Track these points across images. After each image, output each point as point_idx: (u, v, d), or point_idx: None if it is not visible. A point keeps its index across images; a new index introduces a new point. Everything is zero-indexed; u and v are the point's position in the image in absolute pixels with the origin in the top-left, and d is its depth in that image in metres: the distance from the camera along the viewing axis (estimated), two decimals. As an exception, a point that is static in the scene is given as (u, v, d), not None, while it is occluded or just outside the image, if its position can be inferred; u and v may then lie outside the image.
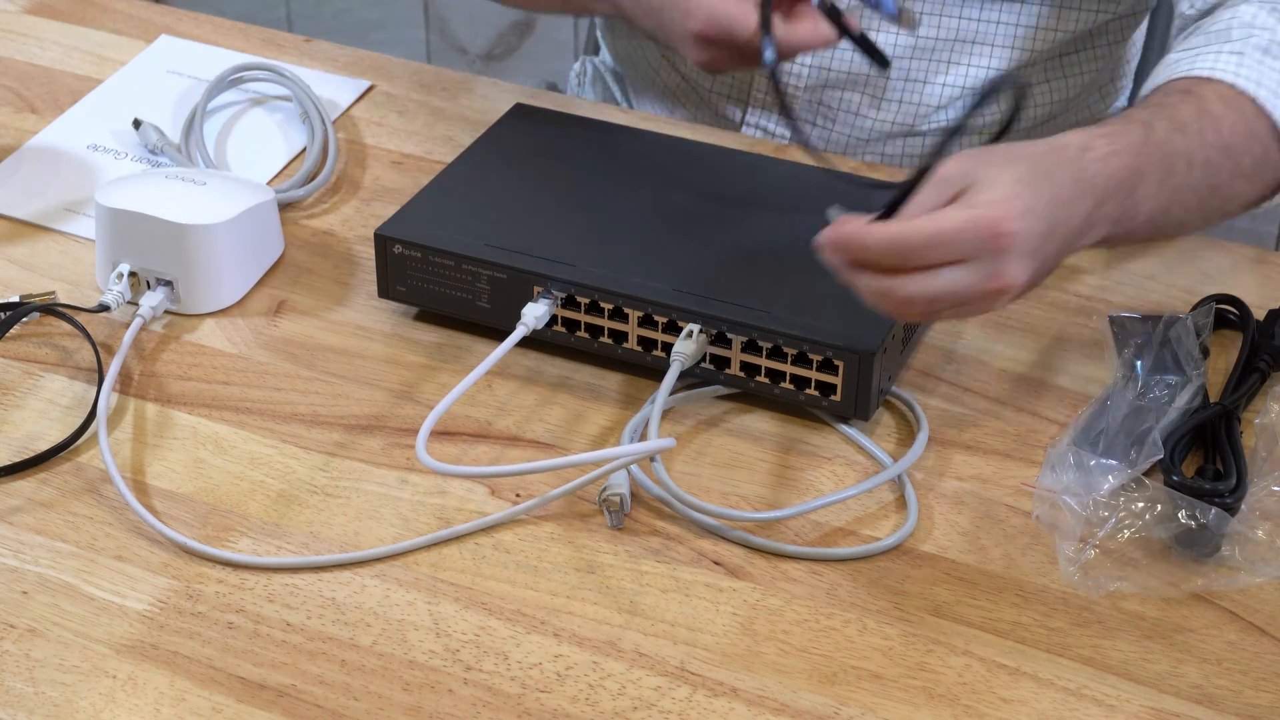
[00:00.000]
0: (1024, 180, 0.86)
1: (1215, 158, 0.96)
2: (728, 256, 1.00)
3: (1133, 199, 0.92)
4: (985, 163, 0.87)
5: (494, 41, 2.53)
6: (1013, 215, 0.84)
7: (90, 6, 1.38)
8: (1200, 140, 0.96)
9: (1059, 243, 0.88)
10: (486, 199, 1.05)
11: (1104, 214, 0.90)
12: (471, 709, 0.81)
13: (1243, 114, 0.98)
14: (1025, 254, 0.85)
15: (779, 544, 0.90)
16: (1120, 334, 1.00)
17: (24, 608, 0.86)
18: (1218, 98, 0.98)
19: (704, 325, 0.95)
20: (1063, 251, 0.89)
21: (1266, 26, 1.01)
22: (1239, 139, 0.97)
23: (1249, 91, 0.98)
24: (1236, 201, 1.00)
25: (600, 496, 0.91)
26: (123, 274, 1.05)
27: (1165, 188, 0.94)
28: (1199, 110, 0.97)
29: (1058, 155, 0.89)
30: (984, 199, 0.84)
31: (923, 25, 1.19)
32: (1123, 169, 0.91)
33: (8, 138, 1.22)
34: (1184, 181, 0.95)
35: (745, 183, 1.08)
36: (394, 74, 1.30)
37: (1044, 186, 0.86)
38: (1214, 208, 0.99)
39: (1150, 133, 0.94)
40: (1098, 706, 0.82)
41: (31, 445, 0.96)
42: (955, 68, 1.21)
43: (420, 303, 1.04)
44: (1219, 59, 1.00)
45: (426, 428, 0.91)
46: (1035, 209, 0.85)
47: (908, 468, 0.94)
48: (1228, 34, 1.02)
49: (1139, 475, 0.89)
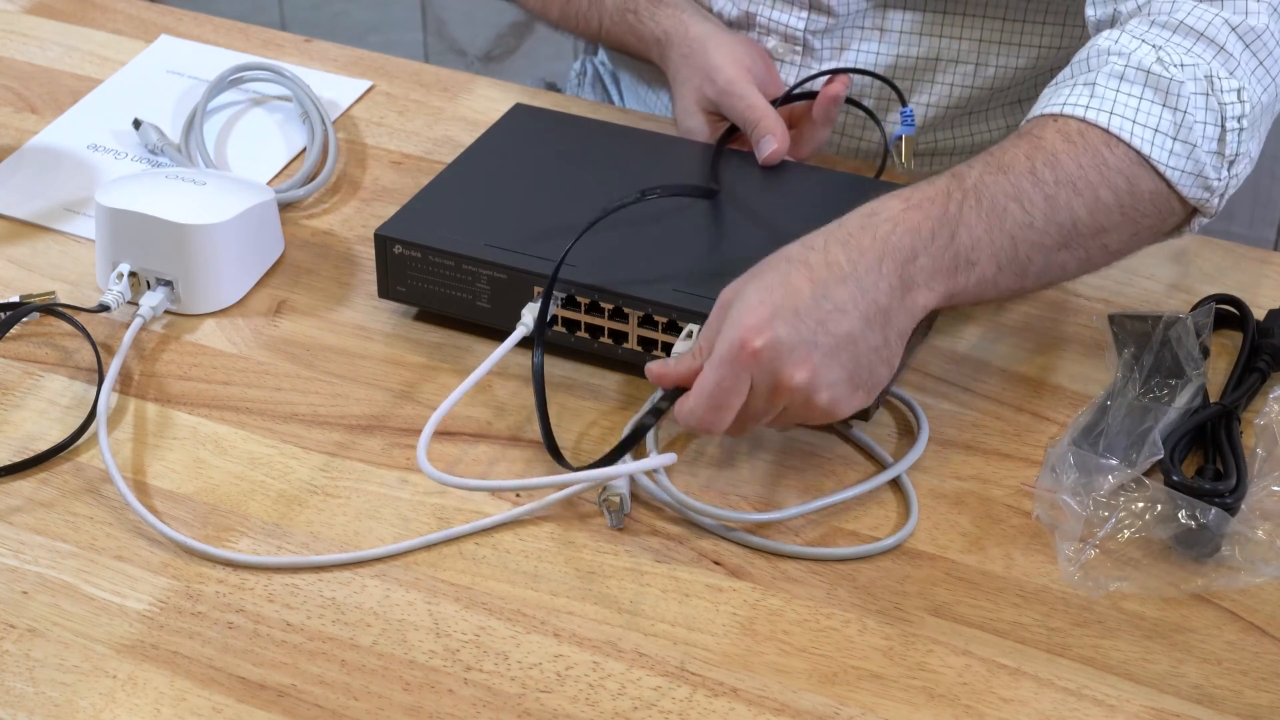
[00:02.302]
0: (767, 288, 0.87)
1: (1059, 194, 0.93)
2: (727, 256, 1.00)
3: (956, 246, 0.90)
4: (742, 284, 0.89)
5: (492, 43, 2.53)
6: (753, 329, 0.86)
7: (90, 6, 1.38)
8: (1033, 178, 0.92)
9: (859, 317, 0.87)
10: (486, 199, 1.05)
11: (923, 267, 0.89)
12: (471, 709, 0.81)
13: (1089, 145, 0.94)
14: (789, 353, 0.86)
15: (779, 544, 0.90)
16: (1120, 334, 1.00)
17: (24, 608, 0.86)
18: (1058, 134, 0.95)
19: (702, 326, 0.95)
20: (876, 322, 0.88)
21: (1124, 51, 0.97)
22: (1087, 171, 0.93)
23: (1099, 122, 0.94)
24: (1115, 237, 0.96)
25: (600, 498, 0.91)
26: (123, 274, 1.05)
27: (999, 231, 0.91)
28: (1031, 148, 0.94)
29: (827, 237, 0.90)
30: (726, 329, 0.87)
31: (901, 44, 1.20)
32: (926, 219, 0.90)
33: (8, 138, 1.22)
34: (1023, 221, 0.92)
35: (744, 182, 1.08)
36: (394, 74, 1.30)
37: (796, 282, 0.87)
38: (1090, 249, 0.95)
39: (960, 180, 0.92)
40: (1098, 706, 0.82)
41: (31, 445, 0.96)
42: (937, 87, 1.21)
43: (420, 303, 1.04)
44: (1071, 93, 0.96)
45: (426, 437, 0.91)
46: (781, 310, 0.86)
47: (908, 468, 0.94)
48: (1085, 64, 0.98)
49: (1139, 475, 0.89)
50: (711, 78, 1.13)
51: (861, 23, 1.20)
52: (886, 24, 1.19)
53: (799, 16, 1.20)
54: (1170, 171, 0.95)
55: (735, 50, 1.15)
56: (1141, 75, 0.96)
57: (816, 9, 1.20)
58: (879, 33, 1.20)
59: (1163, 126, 0.95)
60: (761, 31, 1.22)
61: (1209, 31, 0.98)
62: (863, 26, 1.20)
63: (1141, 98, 0.95)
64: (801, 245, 0.90)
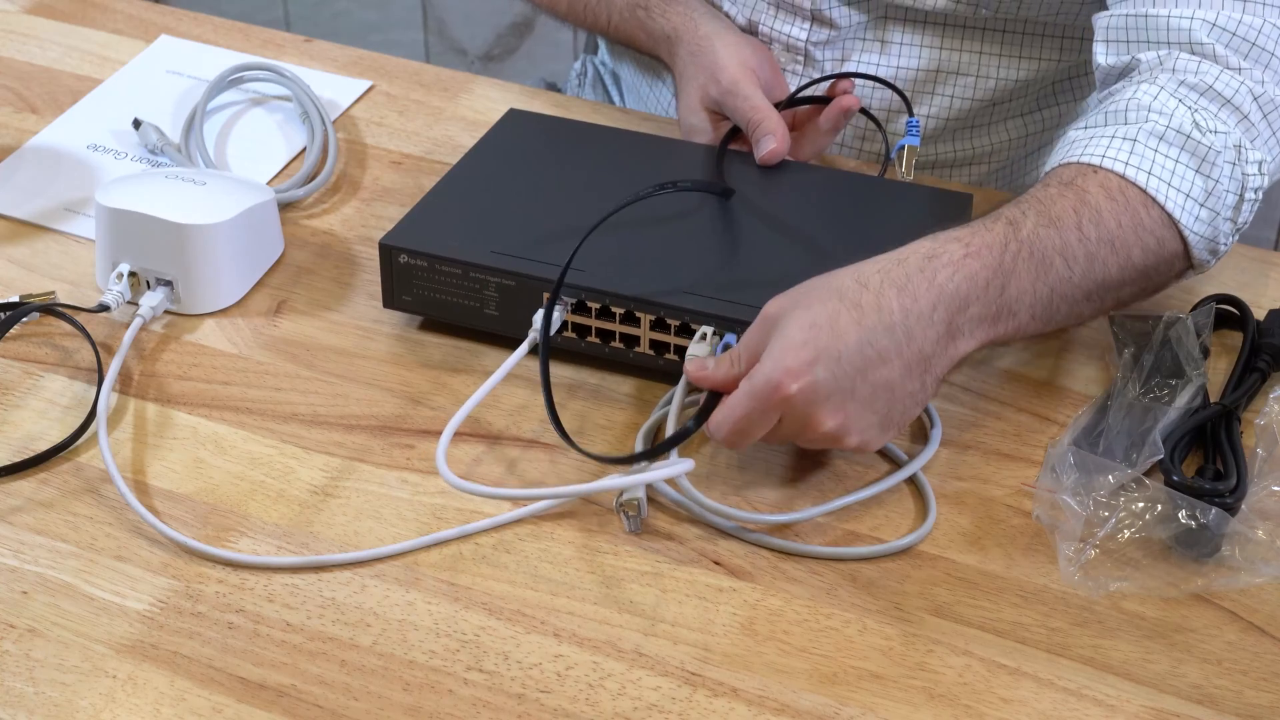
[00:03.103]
0: (813, 325, 0.86)
1: (1099, 252, 0.93)
2: (737, 257, 1.00)
3: (1005, 297, 0.91)
4: (795, 304, 0.88)
5: (493, 42, 2.53)
6: (791, 372, 0.86)
7: (90, 6, 1.38)
8: (1079, 234, 0.93)
9: (899, 366, 0.88)
10: (488, 206, 1.05)
11: (972, 316, 0.90)
12: (471, 709, 0.81)
13: (1129, 204, 0.95)
14: (824, 401, 0.86)
15: (798, 544, 0.89)
16: (1120, 334, 1.00)
17: (24, 608, 0.86)
18: (1101, 189, 0.95)
19: (717, 327, 0.95)
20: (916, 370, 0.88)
21: (1165, 111, 0.97)
22: (1126, 232, 0.94)
23: (1138, 182, 0.95)
24: (1129, 290, 0.97)
25: (617, 502, 0.90)
26: (123, 274, 1.05)
27: (1043, 284, 0.92)
28: (1078, 203, 0.94)
29: (884, 276, 0.89)
30: (764, 363, 0.87)
31: (902, 56, 1.20)
32: (984, 269, 0.90)
33: (8, 138, 1.22)
34: (1064, 276, 0.93)
35: (749, 181, 1.08)
36: (394, 74, 1.30)
37: (844, 326, 0.86)
38: (1106, 300, 0.96)
39: (1015, 230, 0.92)
40: (1098, 706, 0.82)
41: (31, 445, 0.96)
42: (938, 99, 1.22)
43: (426, 312, 1.03)
44: (1110, 145, 0.96)
45: (443, 447, 0.90)
46: (823, 355, 0.86)
47: (921, 467, 0.94)
48: (1124, 116, 0.98)
49: (1139, 475, 0.89)
50: (716, 77, 1.13)
51: (862, 35, 1.20)
52: (887, 37, 1.19)
53: (801, 28, 1.20)
54: (1192, 236, 0.96)
55: (742, 51, 1.15)
56: (1180, 139, 0.96)
57: (819, 21, 1.20)
58: (880, 44, 1.20)
59: (1194, 193, 0.96)
60: (764, 40, 1.22)
61: (1235, 99, 0.98)
62: (864, 39, 1.20)
63: (1178, 161, 0.96)
64: (856, 281, 0.89)
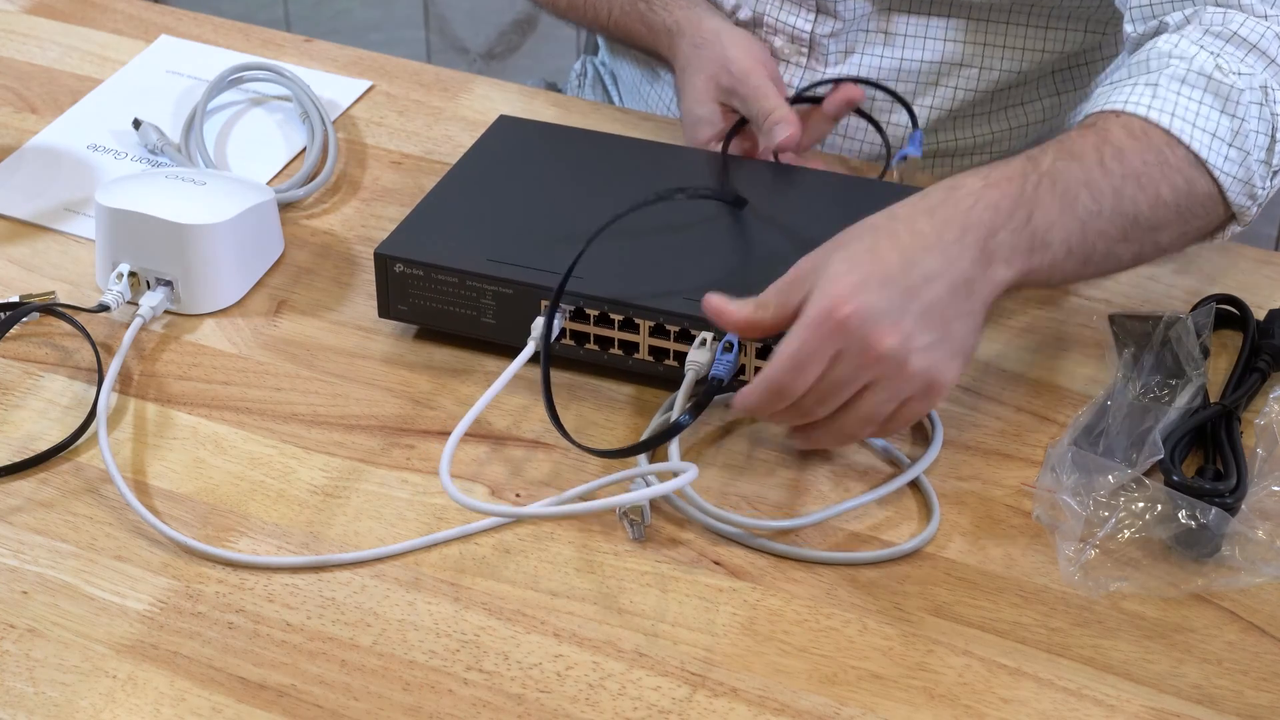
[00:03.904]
0: (853, 257, 0.87)
1: (1124, 187, 0.94)
2: (736, 263, 1.00)
3: (1032, 226, 0.91)
4: (826, 253, 0.89)
5: (494, 40, 2.53)
6: (841, 297, 0.85)
7: (90, 6, 1.38)
8: (1102, 169, 0.94)
9: (945, 285, 0.88)
10: (483, 214, 1.04)
11: (1003, 243, 0.90)
12: (471, 709, 0.81)
13: (1152, 143, 0.96)
14: (879, 320, 0.86)
15: (802, 550, 0.89)
16: (1120, 334, 1.00)
17: (24, 608, 0.86)
18: (1123, 129, 0.96)
19: (717, 333, 0.95)
20: (961, 291, 0.88)
21: (1185, 56, 0.99)
22: (1150, 168, 0.95)
23: (1160, 123, 0.96)
24: (1170, 233, 0.97)
25: (620, 510, 0.90)
26: (123, 274, 1.05)
27: (1071, 215, 0.92)
28: (1099, 140, 0.95)
29: (912, 208, 0.90)
30: (813, 296, 0.86)
31: (906, 48, 1.20)
32: (1005, 197, 0.90)
33: (8, 138, 1.22)
34: (1092, 210, 0.93)
35: (747, 186, 1.07)
36: (394, 74, 1.30)
37: (884, 251, 0.87)
38: (1147, 241, 0.97)
39: (1034, 163, 0.93)
40: (1098, 706, 0.82)
41: (31, 445, 0.96)
42: (941, 90, 1.22)
43: (422, 321, 1.02)
44: (1133, 91, 0.97)
45: (446, 463, 0.89)
46: (870, 279, 0.86)
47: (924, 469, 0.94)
48: (1146, 65, 1.00)
49: (1139, 475, 0.89)
50: (727, 68, 1.13)
51: (867, 26, 1.20)
52: (891, 28, 1.20)
53: (806, 18, 1.21)
54: (1223, 176, 0.97)
55: (751, 45, 1.15)
56: (1202, 80, 0.97)
57: (824, 11, 1.20)
58: (884, 36, 1.20)
59: (1220, 132, 0.97)
60: (769, 31, 1.22)
61: (1261, 44, 0.99)
62: (868, 30, 1.20)
63: (1201, 102, 0.97)
64: (886, 216, 0.90)
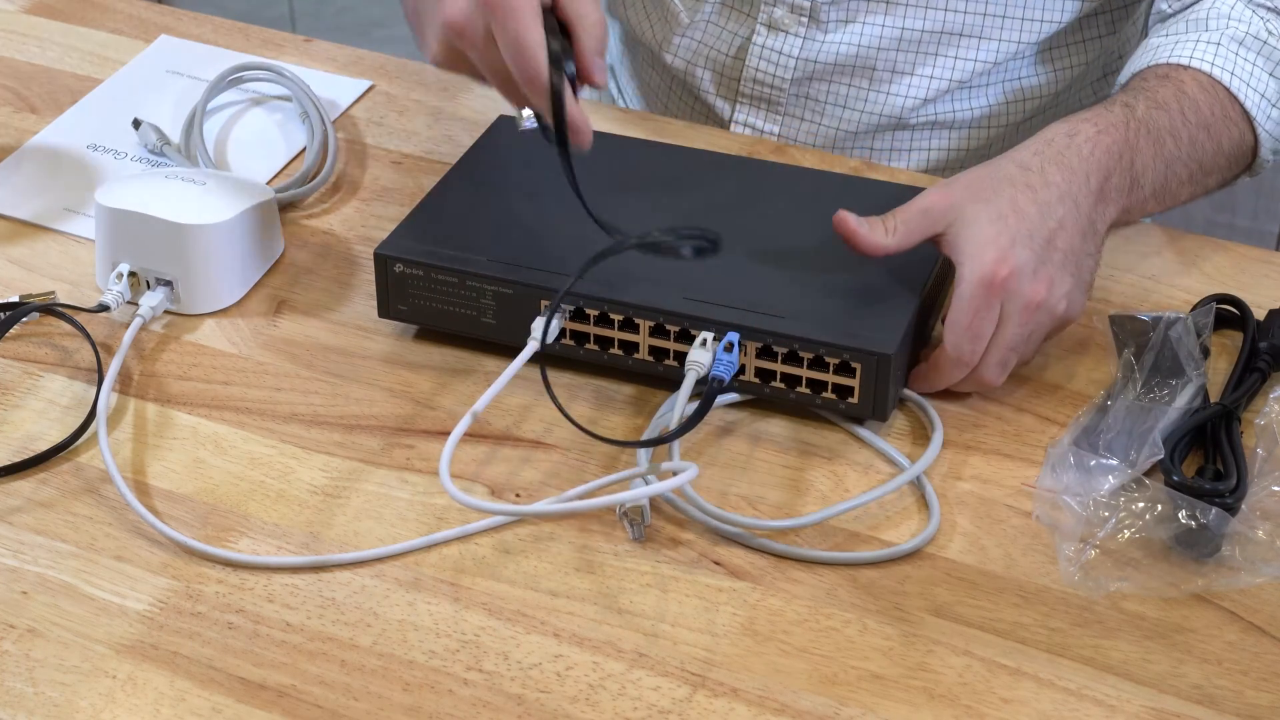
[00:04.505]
0: (1000, 216, 0.95)
1: (1199, 136, 1.04)
2: (736, 262, 1.00)
3: (1134, 170, 1.00)
4: (967, 199, 0.96)
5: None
6: (999, 260, 0.93)
7: (90, 6, 1.38)
8: (1182, 118, 1.04)
9: (1075, 230, 0.96)
10: (482, 214, 1.04)
11: (1114, 186, 0.99)
12: (471, 709, 0.81)
13: (1218, 98, 1.06)
14: (1032, 275, 0.94)
15: (802, 549, 0.89)
16: (1120, 334, 1.00)
17: (24, 608, 0.87)
18: (1194, 82, 1.06)
19: (717, 333, 0.95)
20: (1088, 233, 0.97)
21: (1243, 19, 1.09)
22: (1217, 120, 1.05)
23: (1223, 80, 1.06)
24: (1216, 178, 1.08)
25: (620, 510, 0.90)
26: (123, 274, 1.05)
27: (1159, 159, 1.02)
28: (1178, 92, 1.05)
29: (1041, 157, 0.98)
30: (968, 262, 0.94)
31: (907, 17, 1.21)
32: (1116, 144, 1.00)
33: (8, 138, 1.22)
34: (1175, 154, 1.03)
35: (745, 186, 1.07)
36: (394, 74, 1.30)
37: (1024, 205, 0.95)
38: (1201, 183, 1.06)
39: (1131, 111, 1.02)
40: (1098, 707, 0.82)
41: (31, 445, 0.96)
42: (941, 60, 1.22)
43: (422, 321, 1.02)
44: (1196, 48, 1.07)
45: (446, 464, 0.89)
46: (1018, 236, 0.94)
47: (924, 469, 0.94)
48: (1205, 24, 1.09)
49: (1139, 475, 0.89)
50: None
51: None
52: None
53: None
54: (1264, 135, 1.08)
55: None
56: (1257, 44, 1.08)
57: None
58: (885, 4, 1.20)
59: (1269, 94, 1.07)
60: (769, 2, 1.22)
61: None
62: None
63: (1254, 64, 1.07)
64: (1018, 166, 0.97)
